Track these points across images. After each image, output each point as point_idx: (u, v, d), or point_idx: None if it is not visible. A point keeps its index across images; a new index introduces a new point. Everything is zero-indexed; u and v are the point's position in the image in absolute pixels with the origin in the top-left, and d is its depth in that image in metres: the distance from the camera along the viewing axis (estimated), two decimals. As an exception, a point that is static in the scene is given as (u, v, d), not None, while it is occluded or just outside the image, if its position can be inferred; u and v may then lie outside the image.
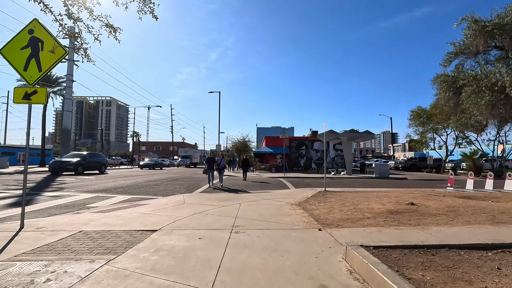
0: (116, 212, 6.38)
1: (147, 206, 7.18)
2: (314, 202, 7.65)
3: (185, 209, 6.61)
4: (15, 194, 9.30)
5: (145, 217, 5.59)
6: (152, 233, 4.37)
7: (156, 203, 7.66)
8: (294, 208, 6.70)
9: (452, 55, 11.14)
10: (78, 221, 5.21)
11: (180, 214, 5.95)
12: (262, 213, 6.03)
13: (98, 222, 5.08)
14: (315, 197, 8.68)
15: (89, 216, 5.72)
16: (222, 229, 4.62)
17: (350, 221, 5.10)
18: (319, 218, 5.47)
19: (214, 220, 5.37)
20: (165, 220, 5.34)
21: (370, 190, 11.12)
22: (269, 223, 5.09)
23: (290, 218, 5.48)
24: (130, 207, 7.12)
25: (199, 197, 9.07)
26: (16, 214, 6.15)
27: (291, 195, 9.40)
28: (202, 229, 4.59)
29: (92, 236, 4.11)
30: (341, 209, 6.14)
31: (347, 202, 7.09)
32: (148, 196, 9.87)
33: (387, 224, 4.77)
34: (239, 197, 8.99)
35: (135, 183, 14.50)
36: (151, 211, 6.44)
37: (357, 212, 5.76)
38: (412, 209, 5.82)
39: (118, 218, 5.53)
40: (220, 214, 6.00)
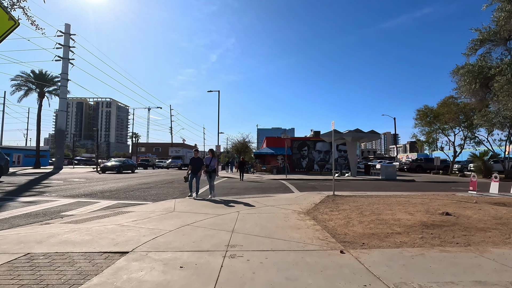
0: (89, 223, 5.31)
1: (129, 215, 6.11)
2: (325, 209, 6.56)
3: (173, 220, 5.53)
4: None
5: (121, 231, 4.52)
6: (121, 256, 3.30)
7: (142, 211, 6.58)
8: (303, 218, 5.62)
9: (477, 42, 9.99)
10: (35, 237, 4.14)
11: (164, 227, 4.87)
12: (265, 226, 4.95)
13: (58, 239, 4.00)
14: (324, 204, 7.59)
15: (53, 230, 4.65)
16: (213, 250, 3.54)
17: (377, 237, 4.02)
18: (336, 232, 4.39)
19: (205, 235, 4.29)
20: (144, 235, 4.26)
21: (384, 194, 10.02)
22: (275, 240, 4.01)
23: (300, 233, 4.40)
24: (110, 216, 6.05)
25: (193, 203, 8.00)
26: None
27: (297, 201, 8.31)
28: (187, 251, 3.52)
29: (36, 264, 3.03)
30: (361, 220, 5.06)
31: (365, 211, 6.01)
32: (136, 201, 8.80)
33: (427, 243, 3.69)
34: (238, 202, 7.92)
35: (126, 186, 13.42)
36: (131, 221, 5.37)
37: (382, 225, 4.68)
38: (450, 221, 4.75)
39: (87, 232, 4.45)
40: (213, 226, 4.92)
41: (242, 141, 44.70)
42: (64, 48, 32.11)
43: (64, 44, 32.11)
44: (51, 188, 11.75)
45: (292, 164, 31.66)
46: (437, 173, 29.78)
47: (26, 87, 37.10)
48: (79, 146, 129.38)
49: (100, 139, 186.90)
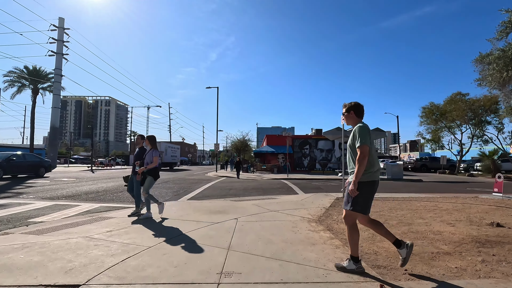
0: (53, 234, 4.29)
1: (107, 222, 5.10)
2: (340, 216, 5.56)
3: (156, 229, 4.52)
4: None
5: (85, 248, 3.51)
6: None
7: (123, 217, 5.57)
8: (316, 228, 4.61)
9: (509, 25, 8.90)
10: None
11: (142, 241, 3.86)
12: (270, 239, 3.94)
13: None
14: (336, 208, 6.59)
15: (1, 244, 3.65)
16: (200, 282, 2.53)
17: (420, 259, 3.02)
18: (363, 251, 3.38)
19: (192, 255, 3.28)
20: (112, 255, 3.25)
21: (401, 196, 9.03)
22: (284, 264, 3.00)
23: (317, 252, 3.39)
24: (85, 223, 5.04)
25: (186, 207, 6.99)
26: None
27: (303, 204, 7.31)
28: (163, 284, 2.51)
29: None
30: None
31: (390, 219, 5.01)
32: (122, 204, 7.78)
33: (495, 271, 2.69)
34: (236, 207, 6.90)
35: (117, 186, 12.40)
36: (105, 232, 4.36)
37: (421, 240, 3.68)
38: (509, 235, 3.75)
39: (41, 250, 3.44)
40: (204, 240, 3.91)
41: (241, 140, 43.69)
42: (58, 42, 31.03)
43: (57, 39, 31.03)
44: (32, 189, 10.73)
45: (293, 163, 30.66)
46: (443, 173, 28.79)
47: (19, 84, 35.97)
48: (77, 144, 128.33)
49: (99, 137, 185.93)
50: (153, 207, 6.35)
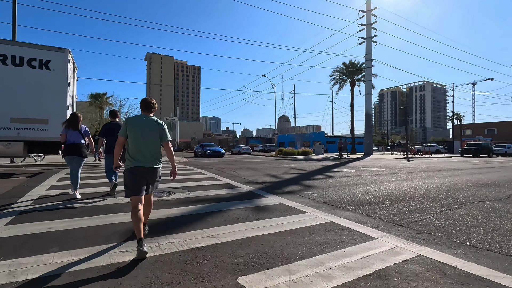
0: None
1: None
2: None
3: None
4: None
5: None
6: None
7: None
8: None
9: None
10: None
11: None
12: None
13: None
14: None
15: None
16: None
17: None
18: None
19: None
20: None
21: None
22: None
23: None
24: None
25: None
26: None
27: None
28: None
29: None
30: None
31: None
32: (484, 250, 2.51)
33: None
34: None
35: (450, 185, 6.95)
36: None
37: None
38: None
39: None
40: None
41: None
42: (366, 27, 30.26)
43: (366, 23, 30.32)
44: (324, 182, 8.31)
45: None
46: None
47: (340, 80, 40.53)
48: (394, 133, 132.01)
49: (415, 124, 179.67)
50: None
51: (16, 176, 8.53)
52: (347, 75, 39.62)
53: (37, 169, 10.35)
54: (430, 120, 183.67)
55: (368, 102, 30.69)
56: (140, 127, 3.10)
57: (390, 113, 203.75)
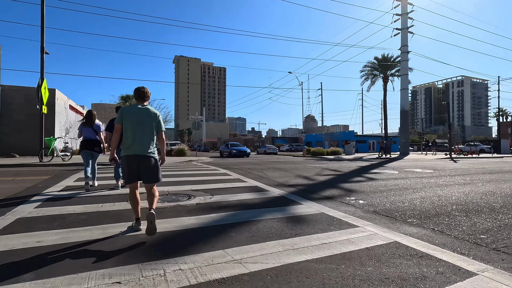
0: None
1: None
2: None
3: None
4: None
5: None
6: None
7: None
8: None
9: None
10: None
11: None
12: None
13: None
14: None
15: None
16: None
17: None
18: None
19: None
20: None
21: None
22: None
23: None
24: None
25: None
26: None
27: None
28: None
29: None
30: None
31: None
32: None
33: None
34: None
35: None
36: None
37: None
38: None
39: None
40: None
41: None
42: (402, 17, 28.05)
43: (401, 13, 28.11)
44: (365, 185, 7.15)
45: None
46: None
47: (372, 75, 38.21)
48: (429, 132, 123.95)
49: (453, 122, 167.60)
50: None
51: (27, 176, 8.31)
52: (379, 70, 37.26)
53: (61, 169, 10.20)
54: (470, 117, 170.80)
55: (404, 97, 28.44)
56: (136, 116, 3.19)
57: (424, 111, 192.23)
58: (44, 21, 13.49)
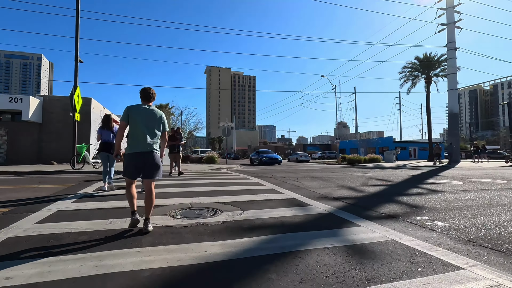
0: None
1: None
2: None
3: None
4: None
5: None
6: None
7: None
8: None
9: None
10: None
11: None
12: None
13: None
14: None
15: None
16: None
17: None
18: None
19: None
20: None
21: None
22: None
23: None
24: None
25: None
26: None
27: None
28: None
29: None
30: None
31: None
32: None
33: None
34: None
35: None
36: None
37: None
38: None
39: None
40: None
41: None
42: (447, 11, 25.59)
43: (446, 7, 25.63)
44: (435, 199, 5.74)
45: None
46: None
47: (412, 76, 35.38)
48: (477, 138, 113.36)
49: (504, 125, 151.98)
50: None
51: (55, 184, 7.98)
52: (420, 70, 34.39)
53: (88, 176, 9.93)
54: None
55: (452, 98, 25.62)
56: (141, 115, 3.31)
57: (469, 115, 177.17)
58: (78, 31, 13.78)
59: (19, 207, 4.61)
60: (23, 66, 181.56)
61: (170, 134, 9.99)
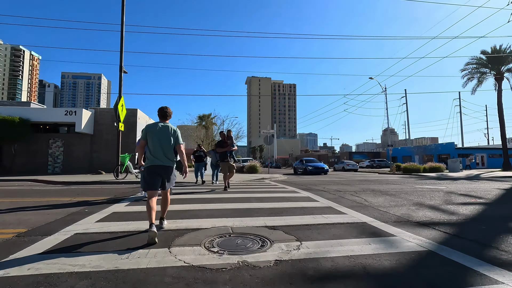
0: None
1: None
2: None
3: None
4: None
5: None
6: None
7: None
8: None
9: None
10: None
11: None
12: None
13: None
14: None
15: None
16: None
17: None
18: None
19: None
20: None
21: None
22: None
23: None
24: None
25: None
26: None
27: None
28: None
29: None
30: None
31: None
32: None
33: None
34: None
35: None
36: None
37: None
38: None
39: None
40: None
41: None
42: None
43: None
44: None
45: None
46: None
47: (478, 74, 30.98)
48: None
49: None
50: None
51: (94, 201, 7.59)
52: (489, 66, 29.99)
53: (128, 187, 9.58)
54: None
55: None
56: (156, 133, 3.68)
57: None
58: (123, 44, 14.09)
59: (34, 229, 4.01)
60: (86, 85, 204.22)
61: (219, 140, 8.69)
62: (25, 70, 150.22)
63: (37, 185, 10.72)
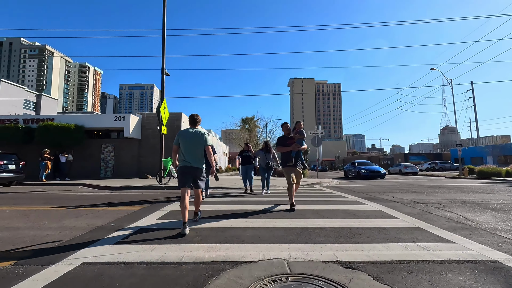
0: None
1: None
2: None
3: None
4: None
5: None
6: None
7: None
8: None
9: None
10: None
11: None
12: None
13: None
14: None
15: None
16: None
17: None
18: None
19: None
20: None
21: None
22: None
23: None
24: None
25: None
26: None
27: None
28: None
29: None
30: None
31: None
32: None
33: None
34: None
35: None
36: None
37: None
38: None
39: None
40: None
41: None
42: None
43: None
44: None
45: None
46: None
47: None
48: None
49: None
50: None
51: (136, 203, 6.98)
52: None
53: (169, 193, 8.97)
54: None
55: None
56: (188, 137, 4.09)
57: None
58: (164, 47, 13.88)
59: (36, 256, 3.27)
60: (140, 94, 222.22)
61: (281, 135, 6.14)
62: (90, 84, 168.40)
63: (84, 189, 10.79)
